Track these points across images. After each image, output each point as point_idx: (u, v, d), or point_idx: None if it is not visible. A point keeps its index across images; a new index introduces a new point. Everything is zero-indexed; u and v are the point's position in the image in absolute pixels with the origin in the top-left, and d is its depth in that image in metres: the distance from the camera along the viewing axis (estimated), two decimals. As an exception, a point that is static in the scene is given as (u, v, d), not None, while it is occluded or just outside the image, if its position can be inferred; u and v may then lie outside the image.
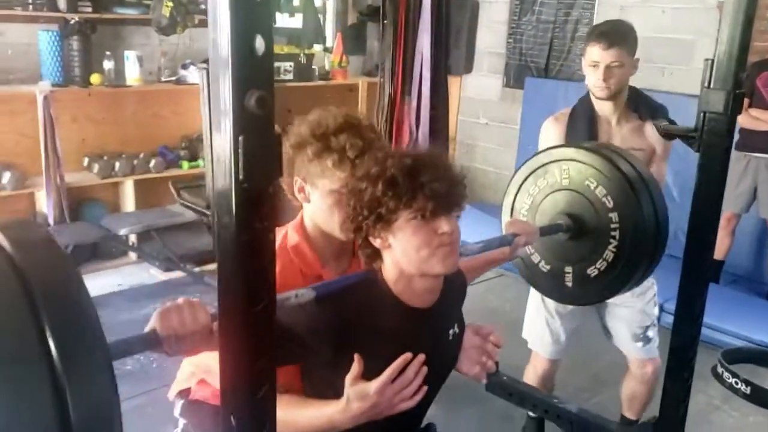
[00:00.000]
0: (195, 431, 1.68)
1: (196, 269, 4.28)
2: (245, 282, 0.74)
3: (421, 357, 1.27)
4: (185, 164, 4.56)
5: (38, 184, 4.08)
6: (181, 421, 1.70)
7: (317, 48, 5.32)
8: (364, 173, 1.32)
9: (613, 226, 1.84)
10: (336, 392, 1.28)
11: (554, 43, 5.56)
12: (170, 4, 4.33)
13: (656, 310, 2.59)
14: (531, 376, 2.65)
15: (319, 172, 1.46)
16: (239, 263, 0.74)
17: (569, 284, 1.97)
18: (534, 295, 2.59)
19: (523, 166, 2.05)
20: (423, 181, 1.26)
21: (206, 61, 4.63)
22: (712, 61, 1.50)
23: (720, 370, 3.02)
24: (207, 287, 4.17)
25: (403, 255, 1.30)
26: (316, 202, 1.51)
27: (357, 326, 1.29)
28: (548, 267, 2.00)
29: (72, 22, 4.13)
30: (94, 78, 4.20)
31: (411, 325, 1.34)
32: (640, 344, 2.52)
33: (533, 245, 1.96)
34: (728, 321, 3.76)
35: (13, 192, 4.02)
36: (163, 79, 4.61)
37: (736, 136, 4.13)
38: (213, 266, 3.72)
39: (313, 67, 5.12)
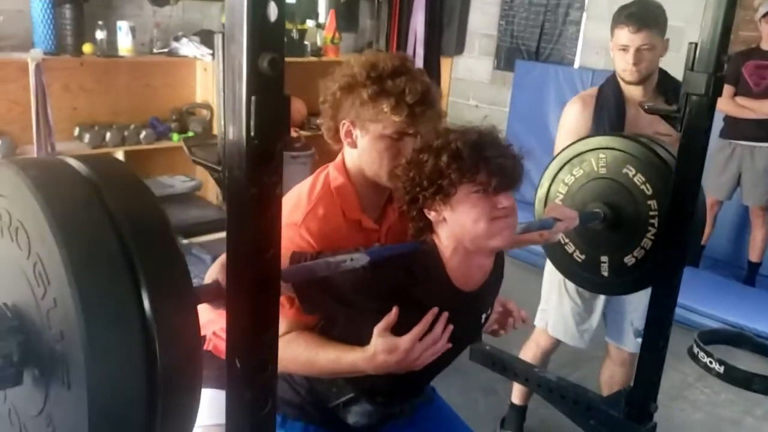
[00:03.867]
0: (204, 383, 1.71)
1: (185, 241, 4.32)
2: (254, 231, 0.80)
3: (446, 314, 1.30)
4: (175, 136, 4.57)
5: (29, 153, 4.08)
6: None
7: (310, 24, 5.32)
8: (425, 145, 1.33)
9: (651, 213, 1.83)
10: (360, 341, 1.30)
11: (545, 26, 5.61)
12: (164, -24, 4.32)
13: None
14: (531, 352, 2.69)
15: (372, 115, 1.42)
16: (249, 214, 0.79)
17: (605, 274, 1.96)
18: (553, 284, 2.60)
19: (558, 156, 2.03)
20: (488, 156, 1.29)
21: (199, 33, 4.66)
22: (696, 44, 1.56)
23: (696, 350, 3.11)
24: (196, 259, 4.22)
25: (460, 228, 1.31)
26: (364, 146, 1.47)
27: (403, 297, 1.30)
28: (583, 257, 1.99)
29: (65, -10, 4.12)
30: (86, 47, 4.19)
31: (453, 307, 1.35)
32: (638, 339, 2.58)
33: (568, 234, 1.96)
34: (706, 303, 3.87)
35: (3, 160, 4.02)
36: (155, 50, 4.60)
37: (722, 124, 4.22)
38: (202, 238, 3.77)
39: (305, 42, 5.14)
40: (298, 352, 1.35)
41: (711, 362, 3.18)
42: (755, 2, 4.32)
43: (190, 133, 4.61)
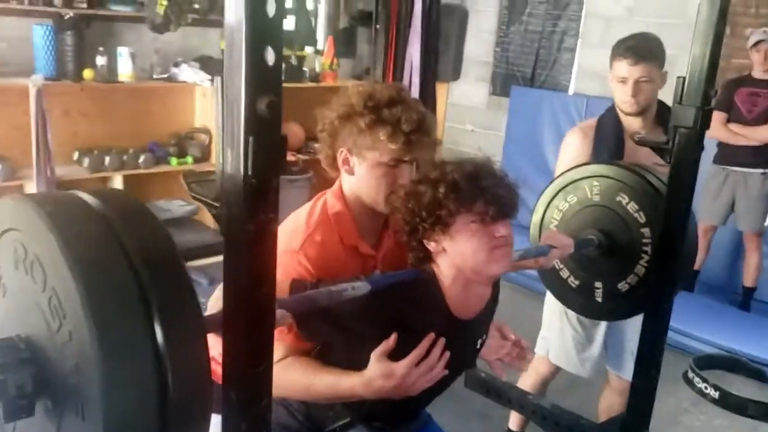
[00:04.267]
0: None
1: (183, 265, 4.33)
2: (250, 266, 0.82)
3: (443, 339, 1.31)
4: (174, 160, 4.61)
5: (28, 177, 4.11)
6: None
7: (308, 50, 5.39)
8: (422, 177, 1.37)
9: (645, 241, 1.86)
10: (357, 366, 1.32)
11: (540, 53, 5.68)
12: (164, 2, 4.37)
13: None
14: (530, 379, 2.69)
15: (369, 143, 1.45)
16: (245, 249, 0.82)
17: (599, 299, 1.99)
18: (554, 311, 2.60)
19: (553, 182, 2.07)
20: (484, 186, 1.32)
21: (199, 59, 4.72)
22: (684, 78, 1.60)
23: (691, 375, 3.13)
24: (193, 283, 4.23)
25: (460, 257, 1.34)
26: (361, 174, 1.50)
27: (402, 325, 1.32)
28: (577, 282, 2.02)
29: (66, 17, 4.17)
30: (87, 73, 4.24)
31: (451, 335, 1.36)
32: None
33: (562, 260, 1.98)
34: (701, 328, 3.88)
35: (3, 183, 4.05)
36: (155, 76, 4.66)
37: (715, 150, 4.27)
38: (199, 262, 3.79)
39: (303, 68, 5.20)
40: (295, 378, 1.37)
41: (706, 387, 3.19)
42: (746, 31, 4.39)
43: (189, 158, 4.64)
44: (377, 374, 1.28)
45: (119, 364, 0.77)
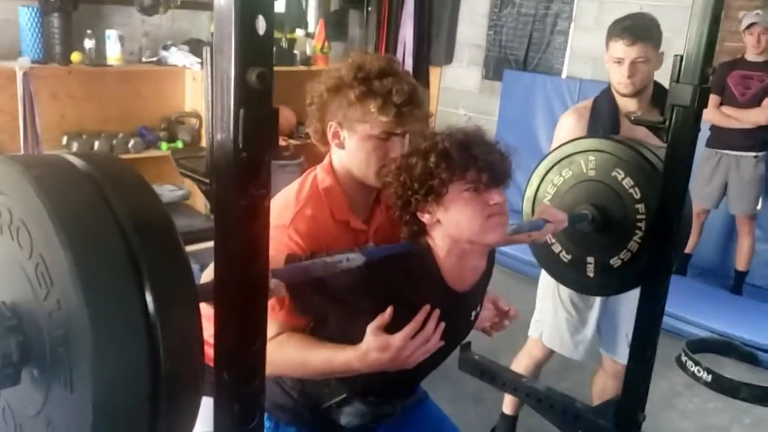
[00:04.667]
0: None
1: (174, 250, 4.30)
2: (242, 243, 0.80)
3: (438, 312, 1.30)
4: (164, 145, 4.56)
5: (16, 161, 4.06)
6: None
7: (299, 33, 5.33)
8: (413, 149, 1.35)
9: (639, 217, 1.84)
10: (351, 341, 1.30)
11: (533, 36, 5.65)
12: (153, -15, 4.32)
13: None
14: (523, 362, 2.69)
15: (359, 116, 1.43)
16: (237, 226, 0.80)
17: (591, 274, 1.98)
18: (547, 294, 2.60)
19: (548, 156, 2.05)
20: (476, 153, 1.30)
21: (188, 42, 4.66)
22: (681, 57, 1.58)
23: (684, 358, 3.13)
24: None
25: (454, 227, 1.32)
26: (351, 147, 1.48)
27: (398, 298, 1.31)
28: (569, 257, 2.01)
29: (53, -1, 4.11)
30: (75, 56, 4.18)
31: (446, 307, 1.35)
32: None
33: (555, 234, 1.97)
34: (693, 312, 3.90)
35: (3, 156, 4.00)
36: (144, 59, 4.59)
37: (708, 133, 4.26)
38: (190, 248, 3.76)
39: (294, 51, 5.14)
40: (290, 354, 1.35)
41: (699, 371, 3.20)
42: (739, 14, 4.37)
43: (179, 142, 4.60)
44: (373, 347, 1.27)
45: (109, 334, 0.74)
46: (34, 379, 0.83)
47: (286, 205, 1.45)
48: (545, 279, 2.59)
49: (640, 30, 2.23)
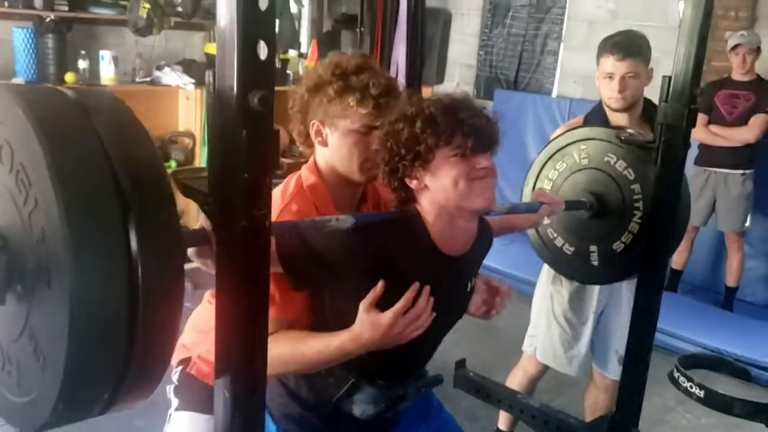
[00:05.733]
0: (186, 408, 1.69)
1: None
2: (243, 263, 0.81)
3: (428, 288, 1.29)
4: (158, 165, 4.58)
5: (9, 181, 4.06)
6: (174, 401, 1.72)
7: (292, 53, 5.38)
8: (400, 115, 1.34)
9: (636, 197, 1.85)
10: (345, 318, 1.29)
11: (524, 56, 5.71)
12: (147, 5, 4.35)
13: None
14: (517, 379, 2.70)
15: (339, 111, 1.46)
16: (237, 246, 0.81)
17: (595, 263, 1.98)
18: (541, 310, 2.61)
19: (541, 153, 2.07)
20: (462, 118, 1.29)
21: (181, 62, 4.69)
22: (669, 77, 1.61)
23: (676, 374, 3.15)
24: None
25: (442, 192, 1.31)
26: (334, 143, 1.50)
27: (389, 262, 1.30)
28: (572, 249, 2.01)
29: (47, 20, 4.13)
30: (69, 77, 4.20)
31: (439, 271, 1.35)
32: (621, 367, 2.61)
33: (556, 229, 1.99)
34: (685, 328, 3.91)
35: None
36: (137, 79, 4.62)
37: (696, 151, 4.31)
38: (188, 266, 3.74)
39: (287, 71, 5.19)
40: (285, 350, 1.34)
41: (691, 387, 3.20)
42: (725, 34, 4.44)
43: (172, 162, 4.61)
44: (365, 325, 1.26)
45: (85, 228, 0.75)
46: (19, 297, 0.84)
47: (272, 202, 1.47)
48: (540, 295, 2.61)
49: (630, 45, 2.27)
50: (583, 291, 2.51)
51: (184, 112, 4.82)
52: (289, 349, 1.34)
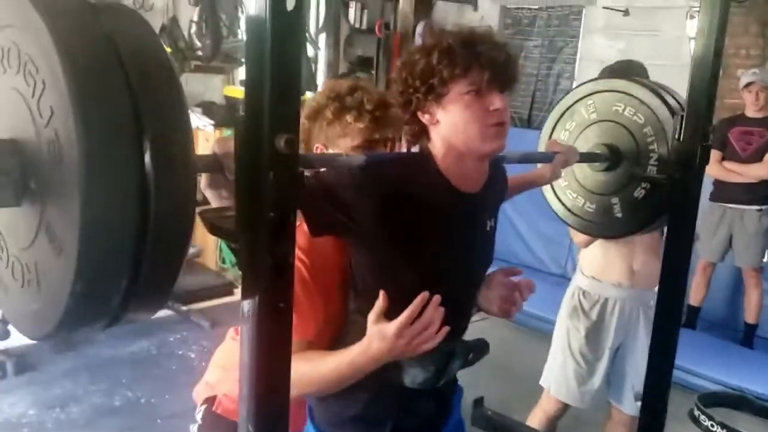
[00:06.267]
0: None
1: (184, 308, 4.33)
2: (269, 298, 0.84)
3: (438, 297, 1.24)
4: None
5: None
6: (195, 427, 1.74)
7: (309, 95, 5.48)
8: (417, 47, 1.30)
9: (649, 140, 1.84)
10: (374, 287, 1.26)
11: (536, 95, 5.78)
12: (168, 49, 4.47)
13: None
14: (537, 419, 2.68)
15: (339, 131, 1.50)
16: (265, 283, 0.84)
17: (619, 215, 1.95)
18: (558, 344, 2.62)
19: (549, 117, 2.09)
20: (480, 51, 1.24)
21: (200, 104, 4.79)
22: (682, 116, 1.64)
23: (696, 413, 3.11)
24: (195, 326, 4.23)
25: (451, 130, 1.28)
26: None
27: (403, 196, 1.27)
28: (594, 206, 2.00)
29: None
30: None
31: (455, 206, 1.33)
32: (638, 403, 2.59)
33: (576, 189, 1.99)
34: (704, 366, 3.86)
35: None
36: (157, 121, 4.71)
37: (711, 187, 4.32)
38: (201, 305, 3.76)
39: (304, 112, 5.28)
40: (304, 371, 1.31)
41: (713, 425, 3.16)
42: (738, 72, 4.49)
43: (191, 201, 4.68)
44: (374, 336, 1.24)
45: (100, 137, 0.76)
46: (32, 196, 0.85)
47: None
48: (559, 331, 2.63)
49: (628, 74, 2.29)
50: (601, 326, 2.52)
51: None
52: (308, 370, 1.32)
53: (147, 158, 0.78)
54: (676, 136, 1.65)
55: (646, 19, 5.07)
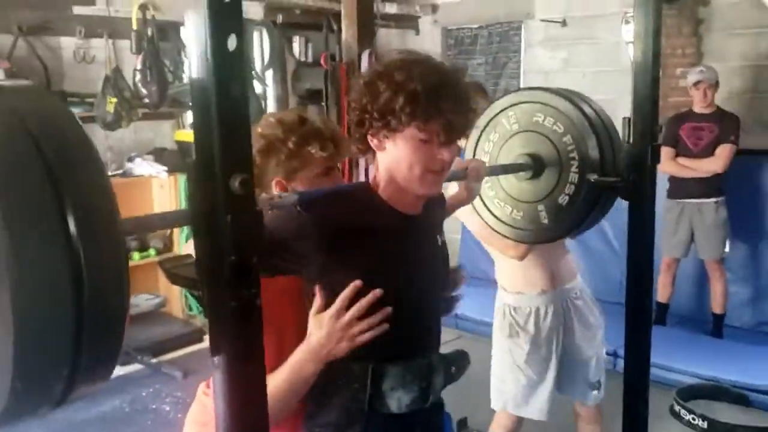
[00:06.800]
0: None
1: (154, 360, 4.24)
2: (236, 343, 0.82)
3: (377, 291, 1.26)
4: (136, 255, 4.56)
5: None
6: None
7: (260, 132, 5.46)
8: (385, 71, 1.30)
9: (569, 148, 1.88)
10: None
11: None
12: (114, 99, 4.43)
13: (604, 353, 2.72)
14: None
15: (300, 163, 1.51)
16: (229, 327, 0.82)
17: (546, 221, 1.99)
18: (503, 363, 2.64)
19: (474, 129, 2.08)
20: (443, 108, 1.27)
21: (152, 152, 4.74)
22: (629, 119, 1.67)
23: (677, 408, 3.15)
24: (167, 377, 4.13)
25: (395, 163, 1.32)
26: None
27: (345, 227, 1.30)
28: (521, 213, 2.03)
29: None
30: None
31: (404, 228, 1.37)
32: (596, 392, 2.63)
33: (503, 198, 2.02)
34: (678, 360, 3.91)
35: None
36: (110, 173, 4.65)
37: (667, 185, 4.40)
38: (171, 355, 3.70)
39: (257, 150, 5.25)
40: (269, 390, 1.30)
41: (694, 419, 3.20)
42: (677, 71, 4.63)
43: (152, 251, 4.60)
44: (313, 328, 1.26)
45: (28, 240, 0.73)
46: None
47: None
48: (498, 349, 2.67)
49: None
50: (540, 334, 2.55)
51: (159, 200, 4.84)
52: (270, 388, 1.29)
53: (72, 230, 0.76)
54: (626, 139, 1.68)
55: (583, 28, 5.20)
